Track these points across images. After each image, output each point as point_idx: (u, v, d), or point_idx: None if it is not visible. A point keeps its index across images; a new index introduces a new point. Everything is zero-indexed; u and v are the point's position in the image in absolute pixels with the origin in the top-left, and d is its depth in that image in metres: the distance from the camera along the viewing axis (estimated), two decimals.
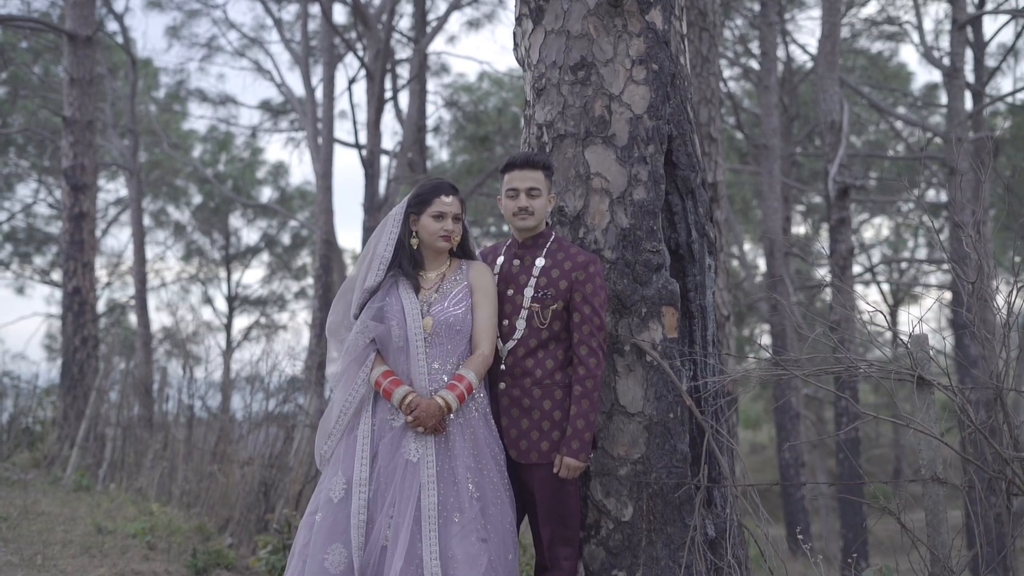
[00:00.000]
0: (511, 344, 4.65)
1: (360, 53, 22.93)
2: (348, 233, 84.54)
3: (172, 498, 11.12)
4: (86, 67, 16.42)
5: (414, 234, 4.68)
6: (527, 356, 4.62)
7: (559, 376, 4.60)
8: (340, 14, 28.59)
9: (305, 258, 37.45)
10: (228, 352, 34.62)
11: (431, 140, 28.87)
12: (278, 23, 27.10)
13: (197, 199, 35.77)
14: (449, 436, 4.48)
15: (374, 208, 20.88)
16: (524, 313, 4.66)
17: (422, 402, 4.42)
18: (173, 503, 10.95)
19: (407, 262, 4.64)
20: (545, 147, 5.05)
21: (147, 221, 34.47)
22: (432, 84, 27.72)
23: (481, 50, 62.05)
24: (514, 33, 5.34)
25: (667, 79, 5.02)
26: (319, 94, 24.43)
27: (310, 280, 35.84)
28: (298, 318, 39.89)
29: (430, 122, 27.18)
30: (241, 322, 39.21)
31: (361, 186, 23.59)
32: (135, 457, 13.05)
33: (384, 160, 24.07)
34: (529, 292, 4.66)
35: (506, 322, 4.69)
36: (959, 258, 20.07)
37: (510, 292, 4.71)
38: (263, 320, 38.40)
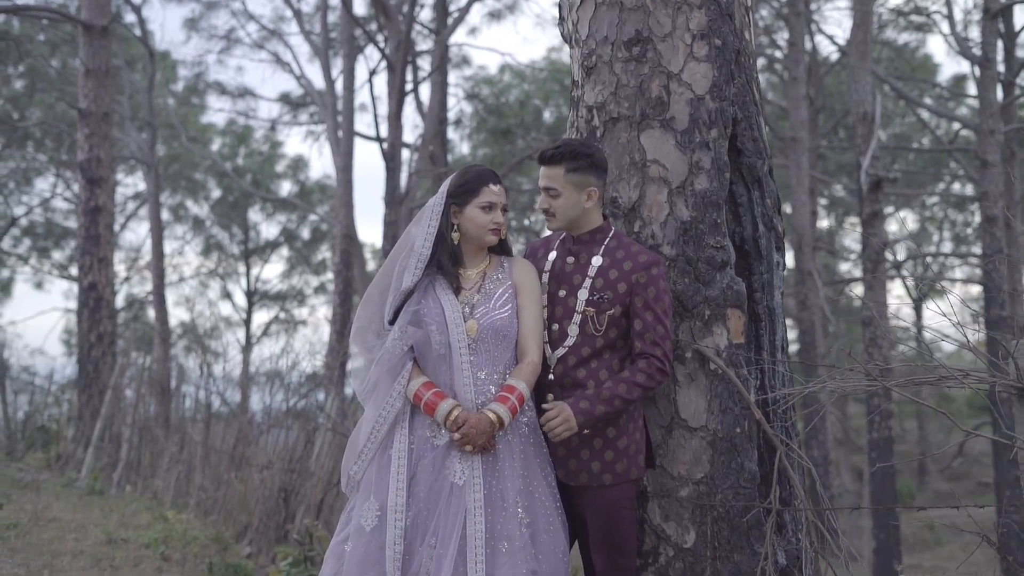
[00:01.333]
0: (561, 351, 4.16)
1: (381, 45, 22.63)
2: (368, 228, 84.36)
3: (188, 503, 10.74)
4: (102, 58, 16.02)
5: (456, 227, 4.20)
6: (579, 366, 4.13)
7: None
8: (360, 5, 28.39)
9: (325, 253, 37.25)
10: (247, 348, 34.67)
11: (452, 133, 28.69)
12: (297, 14, 26.90)
13: (216, 193, 35.63)
14: (497, 455, 4.00)
15: (395, 202, 20.58)
16: (577, 318, 4.17)
17: (470, 417, 3.94)
18: (189, 509, 10.59)
19: (447, 259, 4.15)
20: (595, 132, 4.56)
21: (165, 215, 34.41)
22: (453, 76, 27.55)
23: (503, 42, 61.72)
24: (559, 5, 4.86)
25: (731, 56, 4.52)
26: (339, 86, 24.17)
27: (330, 275, 35.54)
28: (318, 313, 39.67)
29: (451, 115, 26.96)
30: (260, 317, 39.08)
31: (381, 180, 23.54)
32: (151, 458, 12.72)
33: (405, 154, 23.70)
34: (583, 294, 4.18)
35: (556, 326, 4.20)
36: (992, 252, 19.63)
37: (562, 293, 4.23)
38: (282, 315, 38.25)
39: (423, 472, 3.96)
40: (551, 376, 4.17)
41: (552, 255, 4.35)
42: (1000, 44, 20.09)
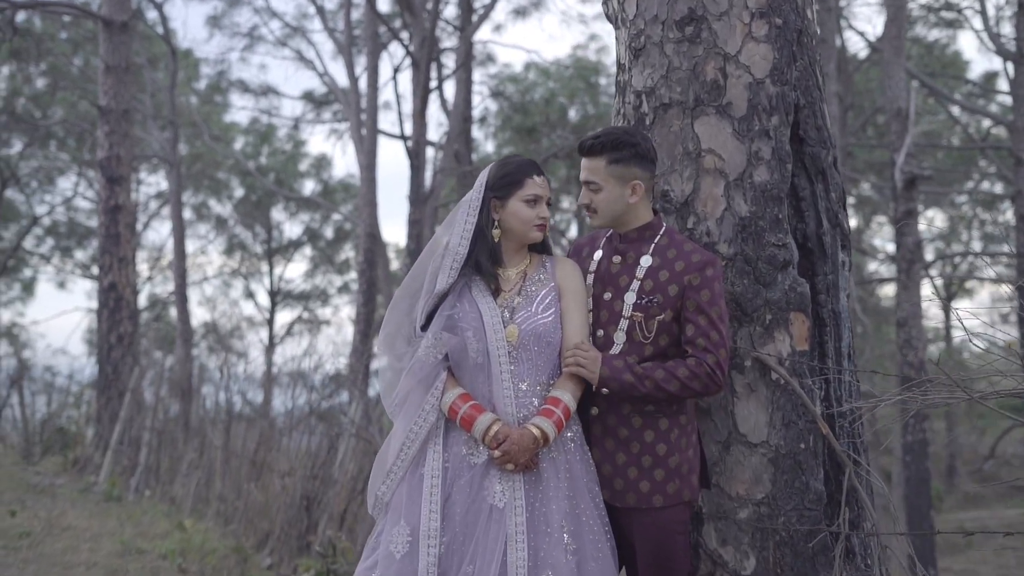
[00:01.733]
0: None
1: (405, 42, 22.41)
2: (392, 227, 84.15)
3: (208, 511, 10.43)
4: (122, 54, 15.77)
5: (496, 223, 3.83)
6: None
7: (670, 405, 3.76)
8: (384, 2, 28.14)
9: (348, 252, 37.14)
10: (270, 348, 34.55)
11: (477, 132, 28.48)
12: (320, 11, 26.65)
13: (239, 192, 35.52)
14: (541, 474, 3.62)
15: (419, 201, 20.29)
16: (624, 323, 3.79)
17: (512, 433, 3.56)
18: (208, 517, 10.29)
19: (486, 258, 3.77)
20: (644, 119, 4.18)
21: (188, 215, 34.35)
22: (478, 74, 27.55)
23: (528, 39, 61.40)
24: None
25: (792, 36, 4.13)
26: (363, 84, 23.94)
27: (353, 275, 35.38)
28: (341, 313, 39.47)
29: (476, 112, 26.67)
30: (283, 317, 38.97)
31: (406, 179, 23.39)
32: (170, 463, 12.44)
33: (429, 153, 23.50)
34: (631, 298, 3.79)
35: (601, 333, 3.82)
36: None
37: (607, 296, 3.84)
38: (306, 315, 38.09)
39: (459, 493, 3.58)
40: (604, 388, 3.80)
41: (598, 254, 3.98)
42: None
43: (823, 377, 4.05)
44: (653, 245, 3.84)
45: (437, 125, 29.79)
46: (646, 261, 3.82)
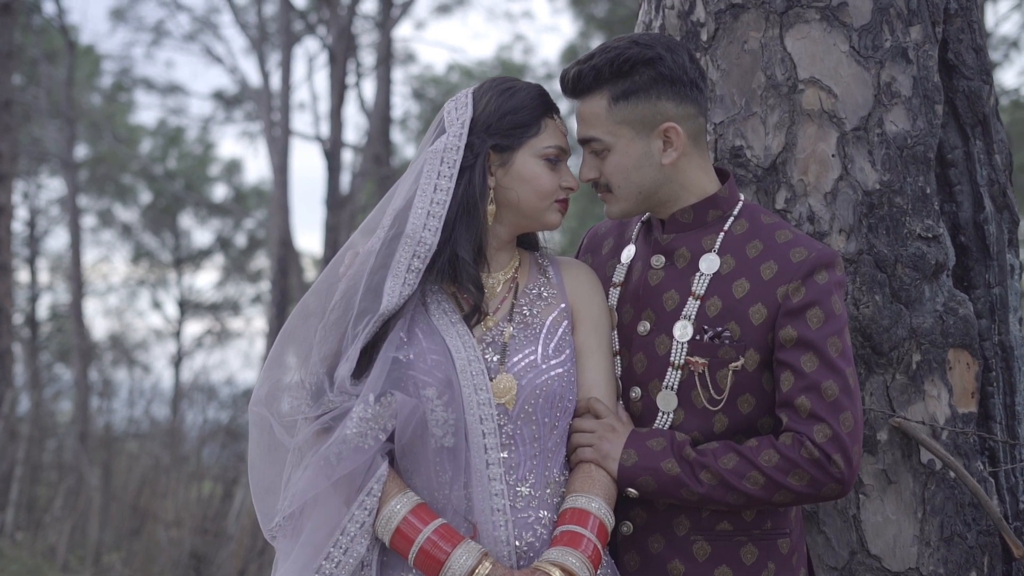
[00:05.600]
0: None
1: (321, 36, 21.51)
2: (308, 235, 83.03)
3: (85, 560, 9.12)
4: (3, 39, 14.11)
5: (491, 196, 2.21)
6: None
7: (750, 515, 2.18)
8: None
9: (262, 261, 35.88)
10: (178, 361, 33.27)
11: (398, 135, 27.67)
12: (231, 4, 25.38)
13: (146, 197, 34.19)
14: None
15: (336, 205, 19.66)
16: (673, 376, 2.20)
17: None
18: (85, 568, 8.95)
19: (469, 253, 2.15)
20: (697, 33, 2.59)
21: (92, 221, 33.13)
22: (399, 74, 26.77)
23: (452, 36, 60.60)
24: None
25: None
26: (276, 82, 22.72)
27: (267, 284, 34.22)
28: (254, 325, 38.51)
29: (397, 114, 26.07)
30: (193, 329, 37.70)
31: (321, 186, 22.28)
32: (45, 503, 10.96)
33: (348, 158, 22.97)
34: (685, 330, 2.20)
35: (636, 393, 2.25)
36: None
37: (644, 327, 2.27)
38: (215, 328, 36.68)
39: None
40: (630, 489, 2.19)
41: (627, 252, 2.38)
42: None
43: (987, 450, 2.49)
44: (722, 235, 2.25)
45: (355, 128, 29.36)
46: (710, 264, 2.23)
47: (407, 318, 2.11)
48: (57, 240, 51.32)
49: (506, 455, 2.07)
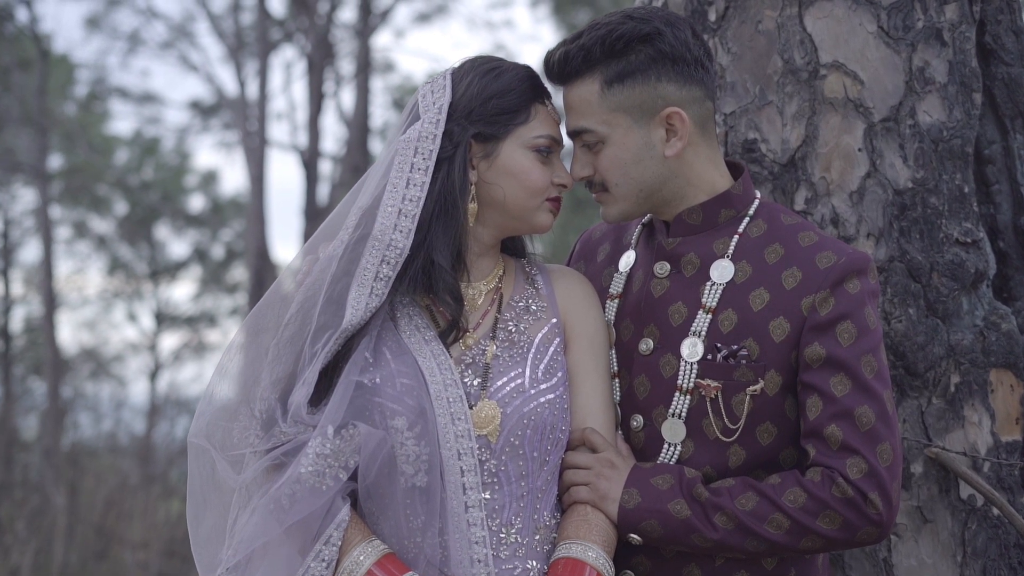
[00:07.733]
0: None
1: (299, 43, 21.51)
2: (286, 247, 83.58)
3: None
4: None
5: (473, 192, 1.98)
6: None
7: (772, 563, 1.94)
8: (278, 5, 27.32)
9: (240, 273, 35.89)
10: (155, 374, 33.25)
11: (376, 145, 27.78)
12: (208, 13, 25.40)
13: (121, 208, 34.14)
14: None
15: (314, 215, 19.72)
16: (683, 401, 1.97)
17: None
18: None
19: (446, 259, 1.92)
20: (705, 12, 2.33)
21: (67, 232, 32.88)
22: (378, 83, 26.66)
23: (432, 45, 60.78)
24: None
25: None
26: (253, 90, 22.73)
27: (244, 296, 34.26)
28: (231, 338, 38.64)
29: (376, 124, 26.09)
30: (169, 341, 37.70)
31: (299, 196, 22.30)
32: (8, 523, 10.77)
33: (326, 168, 23.20)
34: (695, 348, 1.97)
35: (637, 422, 2.03)
36: None
37: (645, 346, 2.03)
38: (193, 340, 36.64)
39: None
40: (632, 535, 1.94)
41: (626, 259, 2.13)
42: None
43: None
44: (736, 238, 2.01)
45: (334, 139, 29.50)
46: (722, 271, 2.00)
47: (373, 335, 1.89)
48: (31, 251, 51.44)
49: (488, 496, 1.86)
